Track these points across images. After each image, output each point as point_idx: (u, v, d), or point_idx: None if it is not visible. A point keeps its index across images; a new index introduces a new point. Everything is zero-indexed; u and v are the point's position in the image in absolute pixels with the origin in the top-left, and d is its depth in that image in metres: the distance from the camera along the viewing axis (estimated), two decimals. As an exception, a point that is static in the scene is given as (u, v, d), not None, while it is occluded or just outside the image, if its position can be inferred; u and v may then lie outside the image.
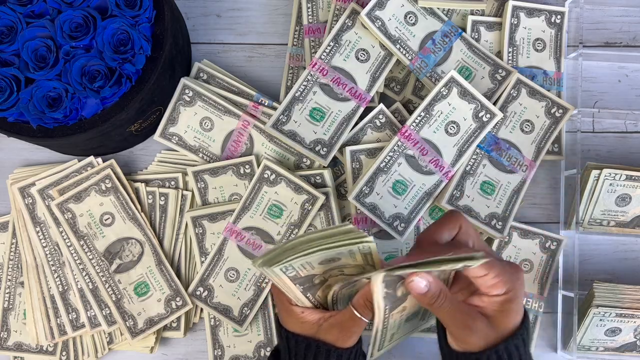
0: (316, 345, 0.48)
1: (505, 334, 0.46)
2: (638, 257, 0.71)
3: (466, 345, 0.46)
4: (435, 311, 0.46)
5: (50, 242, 0.67)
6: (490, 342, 0.45)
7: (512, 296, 0.46)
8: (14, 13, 0.59)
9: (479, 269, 0.45)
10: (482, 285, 0.46)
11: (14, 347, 0.68)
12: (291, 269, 0.44)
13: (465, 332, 0.45)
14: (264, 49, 0.73)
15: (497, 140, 0.68)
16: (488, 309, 0.46)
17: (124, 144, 0.70)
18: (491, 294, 0.46)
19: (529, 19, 0.70)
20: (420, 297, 0.44)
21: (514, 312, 0.46)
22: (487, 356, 0.45)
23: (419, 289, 0.44)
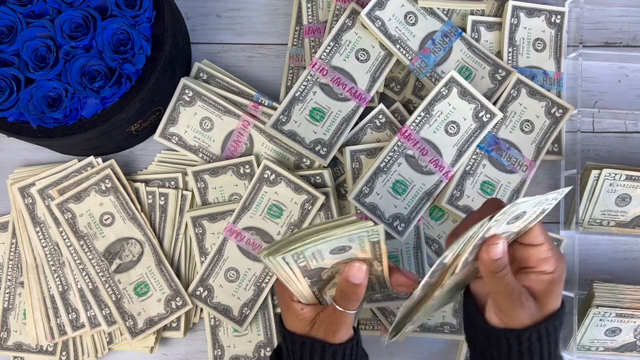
0: (310, 343, 0.48)
1: (547, 314, 0.47)
2: (638, 257, 0.71)
3: (512, 321, 0.46)
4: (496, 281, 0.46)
5: (50, 242, 0.67)
6: (535, 320, 0.46)
7: (558, 277, 0.47)
8: (14, 13, 0.59)
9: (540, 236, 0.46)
10: (535, 256, 0.47)
11: (14, 347, 0.68)
12: (302, 258, 0.44)
13: (516, 307, 0.46)
14: (264, 49, 0.73)
15: (497, 140, 0.68)
16: (535, 288, 0.47)
17: (124, 144, 0.70)
18: (540, 269, 0.47)
19: (529, 19, 0.70)
20: (491, 263, 0.45)
21: (557, 295, 0.47)
22: (529, 334, 0.46)
23: (496, 252, 0.45)
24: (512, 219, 0.44)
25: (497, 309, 0.47)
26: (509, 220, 0.44)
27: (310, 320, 0.49)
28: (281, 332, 0.51)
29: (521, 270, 0.48)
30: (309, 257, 0.44)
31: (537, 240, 0.47)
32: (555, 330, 0.47)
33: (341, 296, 0.47)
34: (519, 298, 0.46)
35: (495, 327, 0.47)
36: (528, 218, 0.45)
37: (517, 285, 0.46)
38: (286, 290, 0.49)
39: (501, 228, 0.45)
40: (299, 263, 0.44)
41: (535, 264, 0.47)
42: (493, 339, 0.47)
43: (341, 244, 0.44)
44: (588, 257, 0.71)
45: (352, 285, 0.47)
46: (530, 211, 0.44)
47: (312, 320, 0.49)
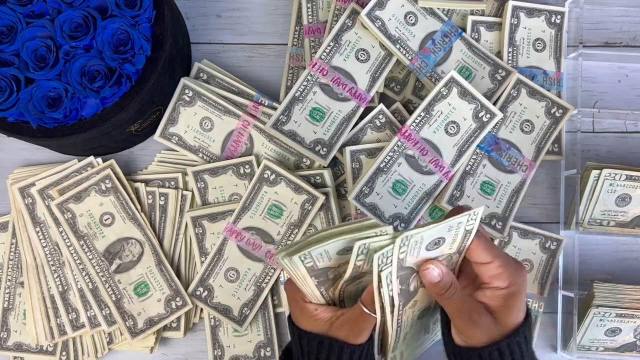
0: (329, 343, 0.48)
1: (508, 330, 0.46)
2: (638, 257, 0.71)
3: (470, 340, 0.46)
4: (444, 302, 0.46)
5: (50, 242, 0.67)
6: (494, 337, 0.46)
7: (514, 290, 0.46)
8: (14, 13, 0.59)
9: (484, 254, 0.46)
10: (486, 274, 0.47)
11: (14, 347, 0.68)
12: (309, 258, 0.44)
13: (470, 325, 0.46)
14: (264, 49, 0.73)
15: (497, 140, 0.68)
16: (492, 304, 0.47)
17: (124, 144, 0.70)
18: (494, 285, 0.46)
19: (529, 19, 0.70)
20: (432, 287, 0.46)
21: (517, 308, 0.47)
22: (489, 352, 0.46)
23: (432, 277, 0.45)
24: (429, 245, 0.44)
25: (455, 329, 0.48)
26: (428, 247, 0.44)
27: (325, 321, 0.49)
28: (295, 332, 0.51)
29: (479, 287, 0.48)
30: (316, 258, 0.44)
31: (483, 259, 0.47)
32: (519, 346, 0.46)
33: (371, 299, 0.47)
34: (471, 316, 0.46)
35: (459, 346, 0.48)
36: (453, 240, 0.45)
37: (468, 304, 0.46)
38: (298, 292, 0.49)
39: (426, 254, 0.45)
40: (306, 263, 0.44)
41: (487, 280, 0.47)
42: (459, 357, 0.48)
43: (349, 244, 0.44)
44: (588, 257, 0.71)
45: None
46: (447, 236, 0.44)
47: (329, 320, 0.49)
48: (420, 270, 0.46)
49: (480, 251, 0.47)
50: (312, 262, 0.45)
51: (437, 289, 0.46)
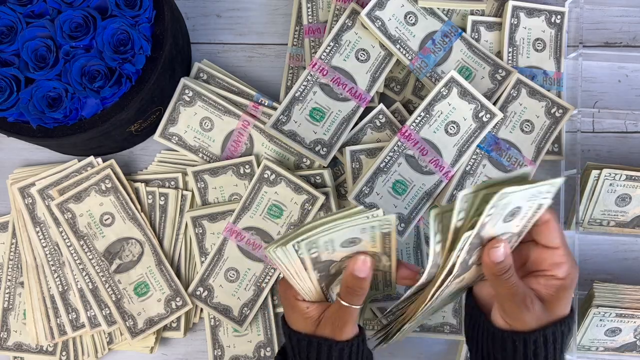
0: (317, 342, 0.48)
1: (555, 319, 0.46)
2: (638, 257, 0.71)
3: (517, 323, 0.46)
4: (500, 283, 0.45)
5: (50, 242, 0.67)
6: (542, 324, 0.46)
7: (568, 283, 0.46)
8: (14, 13, 0.59)
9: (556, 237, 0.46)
10: (549, 260, 0.46)
11: (14, 347, 0.68)
12: (314, 247, 0.44)
13: (522, 309, 0.45)
14: (264, 49, 0.73)
15: (497, 140, 0.68)
16: (543, 292, 0.46)
17: (124, 144, 0.70)
18: (551, 274, 0.46)
19: (529, 19, 0.70)
20: (494, 266, 0.45)
21: (566, 301, 0.46)
22: (535, 338, 0.45)
23: (497, 255, 0.44)
24: (507, 215, 0.43)
25: (503, 312, 0.47)
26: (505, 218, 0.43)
27: (315, 319, 0.49)
28: (286, 332, 0.50)
29: (532, 273, 0.47)
30: (322, 247, 0.44)
31: (554, 243, 0.46)
32: (562, 335, 0.46)
33: (346, 291, 0.47)
34: (524, 300, 0.45)
35: (501, 329, 0.47)
36: (525, 215, 0.44)
37: (523, 288, 0.46)
38: (290, 290, 0.49)
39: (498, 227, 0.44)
40: (312, 253, 0.44)
41: (548, 267, 0.46)
42: (498, 341, 0.47)
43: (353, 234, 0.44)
44: (588, 257, 0.71)
45: (357, 279, 0.47)
46: (525, 206, 0.43)
47: (318, 318, 0.49)
48: (488, 246, 0.44)
49: (554, 233, 0.46)
50: (317, 253, 0.44)
51: (497, 269, 0.45)
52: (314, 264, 0.45)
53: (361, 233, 0.44)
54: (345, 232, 0.43)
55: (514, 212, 0.43)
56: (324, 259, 0.46)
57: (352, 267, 0.46)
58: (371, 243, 0.46)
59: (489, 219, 0.42)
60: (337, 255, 0.46)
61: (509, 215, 0.43)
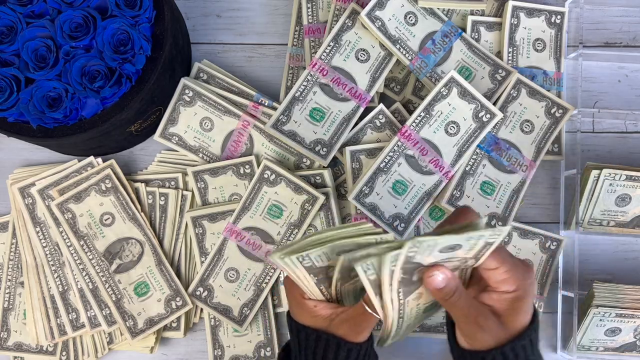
0: (326, 339, 0.48)
1: (514, 333, 0.46)
2: (638, 257, 0.71)
3: (475, 343, 0.46)
4: (448, 307, 0.46)
5: (50, 242, 0.67)
6: (500, 341, 0.45)
7: (521, 294, 0.46)
8: (14, 13, 0.59)
9: (490, 261, 0.45)
10: (492, 279, 0.46)
11: (14, 347, 0.68)
12: (307, 260, 0.44)
13: (476, 329, 0.45)
14: (264, 49, 0.73)
15: (497, 141, 0.68)
16: (498, 307, 0.46)
17: (124, 144, 0.70)
18: (500, 290, 0.46)
19: (529, 19, 0.70)
20: (436, 292, 0.45)
21: (523, 311, 0.46)
22: (493, 356, 0.45)
23: (436, 283, 0.44)
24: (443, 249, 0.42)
25: (461, 332, 0.47)
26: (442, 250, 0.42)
27: (325, 317, 0.49)
28: (294, 327, 0.51)
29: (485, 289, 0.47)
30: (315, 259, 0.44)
31: (490, 266, 0.46)
32: (524, 349, 0.46)
33: None
34: (476, 321, 0.45)
35: (464, 350, 0.47)
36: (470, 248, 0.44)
37: (474, 308, 0.45)
38: (296, 288, 0.49)
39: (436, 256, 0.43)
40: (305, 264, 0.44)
41: (494, 285, 0.46)
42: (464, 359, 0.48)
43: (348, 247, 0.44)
44: (588, 257, 0.71)
45: None
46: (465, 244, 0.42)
47: (328, 317, 0.49)
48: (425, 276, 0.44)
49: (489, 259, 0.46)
50: (311, 263, 0.45)
51: (442, 294, 0.45)
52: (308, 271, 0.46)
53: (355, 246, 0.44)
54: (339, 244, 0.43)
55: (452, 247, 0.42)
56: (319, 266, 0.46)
57: None
58: None
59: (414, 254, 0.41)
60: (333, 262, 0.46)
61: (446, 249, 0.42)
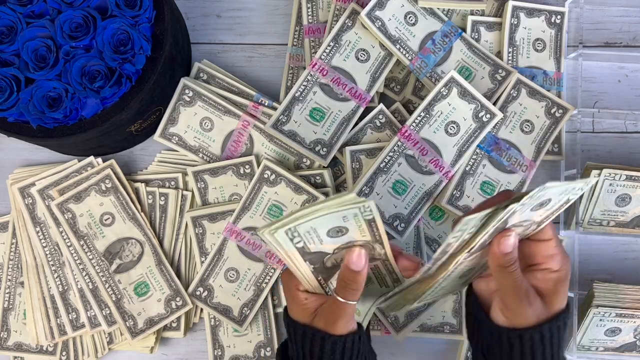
0: (311, 333, 0.48)
1: (553, 314, 0.47)
2: (638, 257, 0.71)
3: (518, 319, 0.46)
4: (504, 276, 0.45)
5: (50, 242, 0.67)
6: (541, 320, 0.46)
7: (563, 275, 0.47)
8: (14, 13, 0.59)
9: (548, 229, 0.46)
10: (542, 252, 0.47)
11: (14, 347, 0.68)
12: (297, 237, 0.43)
13: (524, 304, 0.45)
14: (264, 49, 0.73)
15: (497, 141, 0.68)
16: (541, 286, 0.47)
17: (124, 144, 0.70)
18: (546, 267, 0.46)
19: (529, 19, 0.70)
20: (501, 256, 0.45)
21: (563, 294, 0.47)
22: (531, 334, 0.46)
23: (507, 245, 0.44)
24: (536, 205, 0.43)
25: (504, 306, 0.47)
26: (533, 207, 0.43)
27: (312, 311, 0.49)
28: (286, 322, 0.51)
29: (528, 269, 0.48)
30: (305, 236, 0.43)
31: (546, 236, 0.47)
32: (558, 331, 0.46)
33: (341, 285, 0.46)
34: (527, 295, 0.46)
35: (499, 326, 0.47)
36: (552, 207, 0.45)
37: (525, 282, 0.46)
38: (292, 279, 0.49)
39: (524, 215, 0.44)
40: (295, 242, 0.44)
41: (542, 260, 0.47)
42: (496, 337, 0.47)
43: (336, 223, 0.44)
44: (588, 257, 0.71)
45: (352, 272, 0.46)
46: (555, 199, 0.44)
47: (315, 310, 0.49)
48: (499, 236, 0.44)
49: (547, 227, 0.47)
50: (303, 243, 0.44)
51: (505, 260, 0.45)
52: (302, 254, 0.45)
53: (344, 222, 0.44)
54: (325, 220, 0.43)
55: (543, 202, 0.43)
56: (313, 250, 0.45)
57: (347, 260, 0.46)
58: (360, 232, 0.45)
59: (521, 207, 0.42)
60: (327, 246, 0.46)
61: (537, 205, 0.43)
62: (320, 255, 0.46)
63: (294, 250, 0.44)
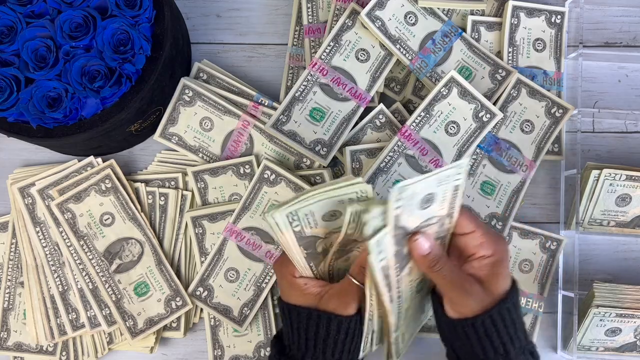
0: (317, 315, 0.49)
1: (498, 298, 0.48)
2: (638, 257, 0.71)
3: (463, 309, 0.48)
4: (434, 276, 0.47)
5: (50, 242, 0.67)
6: (486, 306, 0.47)
7: (499, 258, 0.48)
8: (14, 13, 0.59)
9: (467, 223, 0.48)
10: (471, 244, 0.49)
11: (14, 347, 0.68)
12: (296, 220, 0.44)
13: (463, 295, 0.47)
14: (264, 49, 0.73)
15: (497, 140, 0.68)
16: (479, 273, 0.48)
17: (124, 144, 0.70)
18: (479, 255, 0.48)
19: (529, 19, 0.70)
20: (422, 259, 0.46)
21: (503, 275, 0.48)
22: (482, 320, 0.47)
23: (421, 249, 0.46)
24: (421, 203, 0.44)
25: (449, 301, 0.49)
26: (421, 206, 0.44)
27: (315, 295, 0.50)
28: (285, 308, 0.51)
29: (465, 260, 0.49)
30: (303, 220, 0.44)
31: (467, 229, 0.49)
32: (509, 312, 0.48)
33: (359, 270, 0.48)
34: (463, 286, 0.47)
35: (452, 319, 0.49)
36: (444, 198, 0.45)
37: (458, 275, 0.48)
38: (286, 267, 0.50)
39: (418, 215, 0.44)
40: (294, 226, 0.44)
41: (473, 250, 0.49)
42: (453, 330, 0.49)
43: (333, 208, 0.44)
44: (588, 257, 0.71)
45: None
46: (438, 191, 0.44)
47: (318, 294, 0.50)
48: (410, 241, 0.46)
49: (464, 221, 0.49)
50: (300, 227, 0.45)
51: (427, 261, 0.47)
52: (298, 239, 0.46)
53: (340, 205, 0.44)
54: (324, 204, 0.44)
55: (427, 199, 0.44)
56: (308, 234, 0.46)
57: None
58: None
59: (401, 211, 0.43)
60: (320, 230, 0.46)
61: (423, 202, 0.44)
62: (312, 240, 0.47)
63: (291, 233, 0.45)
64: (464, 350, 0.49)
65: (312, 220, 0.45)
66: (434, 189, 0.44)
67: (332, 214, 0.45)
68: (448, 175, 0.43)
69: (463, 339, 0.48)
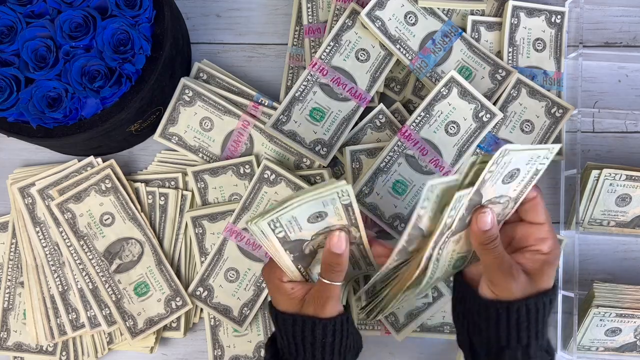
0: (302, 321, 0.49)
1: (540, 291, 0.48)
2: (638, 257, 0.71)
3: (503, 292, 0.47)
4: (487, 252, 0.47)
5: (50, 242, 0.67)
6: (528, 294, 0.47)
7: (552, 259, 0.48)
8: (14, 13, 0.59)
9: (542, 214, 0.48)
10: (534, 235, 0.48)
11: (14, 347, 0.68)
12: (279, 227, 0.44)
13: (507, 277, 0.47)
14: (264, 49, 0.73)
15: (497, 140, 0.68)
16: (528, 265, 0.48)
17: (124, 144, 0.70)
18: (536, 249, 0.48)
19: (529, 19, 0.70)
20: (480, 234, 0.46)
21: (549, 276, 0.48)
22: (518, 306, 0.47)
23: (484, 222, 0.46)
24: (506, 176, 0.44)
25: (490, 282, 0.48)
26: (504, 179, 0.44)
27: (300, 299, 0.50)
28: (273, 314, 0.51)
29: (518, 250, 0.49)
30: (286, 226, 0.44)
31: (539, 219, 0.48)
32: (544, 307, 0.48)
33: (326, 268, 0.48)
34: (510, 270, 0.47)
35: (486, 299, 0.48)
36: (523, 178, 0.45)
37: (508, 258, 0.47)
38: (274, 272, 0.50)
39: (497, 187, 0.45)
40: (277, 233, 0.44)
41: (533, 242, 0.48)
42: (482, 311, 0.48)
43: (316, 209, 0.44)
44: (588, 257, 0.71)
45: (334, 255, 0.48)
46: (523, 169, 0.44)
47: (302, 298, 0.50)
48: (477, 213, 0.46)
49: (539, 210, 0.48)
50: (284, 232, 0.45)
51: (484, 237, 0.46)
52: (282, 244, 0.46)
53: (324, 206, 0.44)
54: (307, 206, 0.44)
55: (512, 173, 0.44)
56: (293, 239, 0.46)
57: (329, 243, 0.48)
58: (337, 217, 0.46)
59: (490, 175, 0.43)
60: (305, 233, 0.46)
61: (507, 176, 0.44)
62: (299, 243, 0.47)
63: (275, 240, 0.45)
64: (485, 335, 0.49)
65: (296, 225, 0.45)
66: (521, 165, 0.44)
67: (317, 215, 0.45)
68: (539, 155, 0.43)
69: (492, 318, 0.48)
